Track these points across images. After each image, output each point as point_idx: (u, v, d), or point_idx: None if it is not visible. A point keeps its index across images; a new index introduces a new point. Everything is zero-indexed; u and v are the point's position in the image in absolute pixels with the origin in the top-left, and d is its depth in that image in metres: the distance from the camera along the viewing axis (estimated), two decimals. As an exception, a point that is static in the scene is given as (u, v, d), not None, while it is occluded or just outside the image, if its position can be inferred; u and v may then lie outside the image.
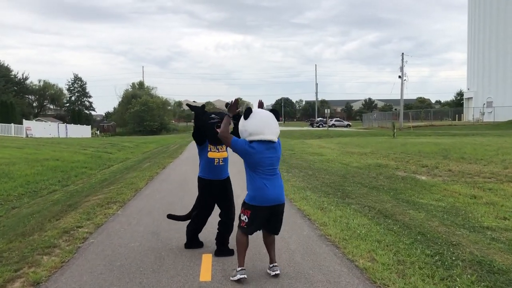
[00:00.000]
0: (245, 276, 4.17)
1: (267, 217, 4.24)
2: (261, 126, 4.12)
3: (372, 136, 40.75)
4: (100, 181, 13.52)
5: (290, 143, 32.90)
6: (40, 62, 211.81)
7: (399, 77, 52.84)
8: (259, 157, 4.10)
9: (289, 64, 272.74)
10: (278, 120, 4.32)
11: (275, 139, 4.20)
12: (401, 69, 52.76)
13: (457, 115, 61.29)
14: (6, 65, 78.85)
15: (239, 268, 4.22)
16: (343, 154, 21.69)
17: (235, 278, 4.18)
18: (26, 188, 13.12)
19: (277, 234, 4.46)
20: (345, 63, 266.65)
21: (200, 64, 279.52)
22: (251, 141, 4.14)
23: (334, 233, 5.71)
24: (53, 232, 6.00)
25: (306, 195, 8.74)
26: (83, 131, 57.11)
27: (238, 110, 4.51)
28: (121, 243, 5.47)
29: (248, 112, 4.20)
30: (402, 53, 53.17)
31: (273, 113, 4.28)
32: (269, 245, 4.46)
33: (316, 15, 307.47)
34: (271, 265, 4.39)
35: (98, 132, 65.86)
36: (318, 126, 70.89)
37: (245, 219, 4.22)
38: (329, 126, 64.41)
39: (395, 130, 34.80)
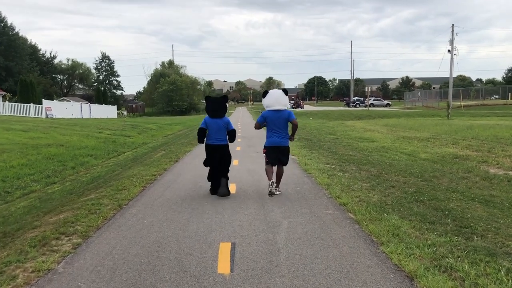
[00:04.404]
0: (273, 180, 6.96)
1: (276, 154, 6.99)
2: (272, 101, 6.99)
3: (420, 116, 36.31)
4: (91, 179, 10.30)
5: (328, 125, 29.01)
6: (74, 43, 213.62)
7: (449, 51, 47.59)
8: (270, 120, 6.99)
9: (321, 42, 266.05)
10: (286, 94, 7.10)
11: (281, 108, 6.98)
12: (451, 42, 47.46)
13: (510, 94, 55.45)
14: (33, 43, 77.24)
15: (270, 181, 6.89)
16: (398, 139, 17.88)
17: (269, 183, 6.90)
18: (-3, 188, 10.08)
19: (285, 165, 7.19)
20: (379, 40, 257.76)
21: (230, 43, 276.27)
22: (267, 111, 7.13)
23: None
24: None
25: (394, 225, 4.99)
26: (108, 111, 54.52)
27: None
28: None
29: (265, 93, 7.16)
30: (453, 25, 47.77)
31: (283, 91, 7.12)
32: (279, 176, 7.17)
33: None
34: (276, 188, 7.05)
35: (124, 113, 63.28)
36: (355, 106, 66.05)
37: (265, 156, 7.15)
38: (368, 106, 59.65)
39: (449, 111, 30.43)
